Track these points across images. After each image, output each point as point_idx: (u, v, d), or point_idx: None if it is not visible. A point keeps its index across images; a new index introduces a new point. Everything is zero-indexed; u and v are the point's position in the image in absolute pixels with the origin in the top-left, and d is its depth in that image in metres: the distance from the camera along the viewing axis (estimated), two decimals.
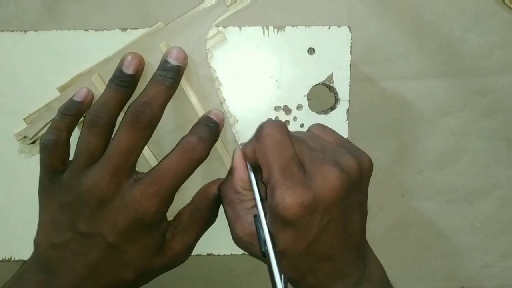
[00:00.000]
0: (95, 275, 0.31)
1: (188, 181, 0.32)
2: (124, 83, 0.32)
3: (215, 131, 0.33)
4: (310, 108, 0.37)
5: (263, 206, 0.29)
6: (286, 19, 0.37)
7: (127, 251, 0.31)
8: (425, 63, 0.40)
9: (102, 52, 0.35)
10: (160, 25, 0.35)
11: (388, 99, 0.40)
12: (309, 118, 0.37)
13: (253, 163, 0.30)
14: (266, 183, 0.28)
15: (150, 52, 0.35)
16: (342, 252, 0.29)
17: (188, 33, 0.35)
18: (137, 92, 0.33)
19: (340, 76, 0.36)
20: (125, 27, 0.36)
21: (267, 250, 0.28)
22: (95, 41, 0.36)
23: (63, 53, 0.36)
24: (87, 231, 0.30)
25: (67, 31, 0.36)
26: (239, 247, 0.32)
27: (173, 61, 0.32)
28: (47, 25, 0.37)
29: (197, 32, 0.35)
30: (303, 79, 0.37)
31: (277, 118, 0.37)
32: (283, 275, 0.27)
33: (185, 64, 0.33)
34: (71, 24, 0.37)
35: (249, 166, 0.31)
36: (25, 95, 0.36)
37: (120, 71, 0.32)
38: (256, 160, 0.29)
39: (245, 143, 0.31)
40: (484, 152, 0.41)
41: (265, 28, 0.36)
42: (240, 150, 0.31)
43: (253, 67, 0.37)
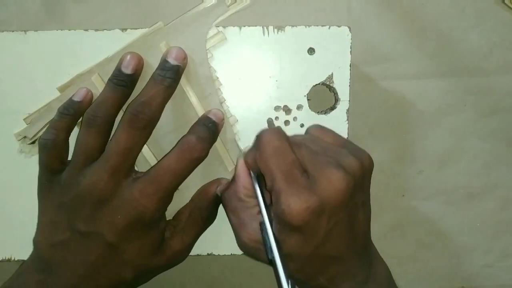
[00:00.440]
0: (94, 274, 0.31)
1: (187, 181, 0.32)
2: (122, 82, 0.32)
3: (213, 131, 0.33)
4: (310, 108, 0.37)
5: (269, 212, 0.29)
6: (286, 19, 0.37)
7: (126, 250, 0.31)
8: (425, 63, 0.40)
9: (102, 52, 0.35)
10: (160, 25, 0.35)
11: (388, 99, 0.40)
12: (309, 118, 0.37)
13: (256, 172, 0.30)
14: (270, 190, 0.28)
15: (150, 52, 0.35)
16: (349, 252, 0.29)
17: (188, 33, 0.35)
18: (136, 91, 0.32)
19: (340, 76, 0.36)
20: (125, 27, 0.36)
21: (273, 257, 0.28)
22: (95, 41, 0.36)
23: (63, 53, 0.36)
24: (85, 231, 0.30)
25: (67, 31, 0.36)
26: (245, 254, 0.32)
27: (173, 61, 0.32)
28: (47, 25, 0.37)
29: (197, 32, 0.35)
30: (303, 79, 0.37)
31: (277, 118, 0.37)
32: (290, 281, 0.27)
33: (185, 63, 0.33)
34: (71, 24, 0.37)
35: (252, 174, 0.31)
36: (25, 95, 0.36)
37: (118, 70, 0.32)
38: (258, 168, 0.29)
39: (246, 152, 0.31)
40: (484, 152, 0.41)
41: (265, 28, 0.36)
42: (242, 158, 0.31)
43: (253, 67, 0.36)
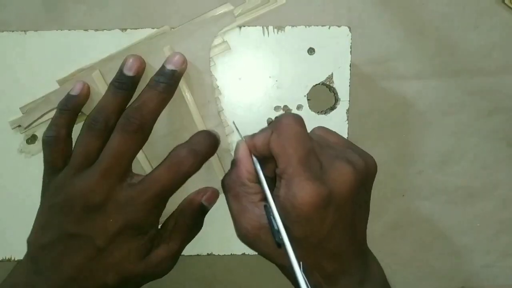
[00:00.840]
0: (81, 277, 0.30)
1: (187, 183, 0.32)
2: (123, 86, 0.32)
3: (215, 143, 0.33)
4: (310, 108, 0.37)
5: (273, 196, 0.29)
6: (286, 19, 0.37)
7: (113, 254, 0.31)
8: (425, 63, 0.40)
9: (102, 52, 0.35)
10: (166, 28, 0.35)
11: (388, 99, 0.40)
12: (309, 118, 0.37)
13: (261, 155, 0.30)
14: (281, 174, 0.28)
15: (153, 55, 0.35)
16: (348, 250, 0.29)
17: (193, 40, 0.35)
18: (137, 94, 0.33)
19: (340, 76, 0.36)
20: (125, 27, 0.36)
21: (281, 239, 0.27)
22: (95, 41, 0.36)
23: (63, 53, 0.36)
24: (75, 232, 0.30)
25: (67, 31, 0.36)
26: (243, 242, 0.31)
27: (169, 66, 0.32)
28: (47, 25, 0.37)
29: (202, 39, 0.35)
30: (303, 79, 0.37)
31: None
32: (301, 262, 0.26)
33: (183, 68, 0.33)
34: (71, 24, 0.37)
35: (254, 158, 0.31)
36: (25, 95, 0.36)
37: (120, 72, 0.33)
38: (266, 151, 0.29)
39: (252, 135, 0.31)
40: (484, 152, 0.41)
41: (265, 28, 0.36)
42: (244, 142, 0.31)
43: (253, 67, 0.37)
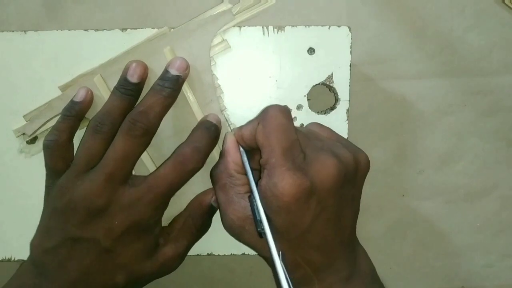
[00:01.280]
0: (88, 279, 0.31)
1: (185, 186, 0.32)
2: (129, 92, 0.32)
3: (215, 135, 0.33)
4: (310, 108, 0.37)
5: (258, 187, 0.29)
6: (286, 19, 0.37)
7: (121, 255, 0.31)
8: (425, 63, 0.40)
9: (102, 52, 0.35)
10: (165, 29, 0.35)
11: (388, 99, 0.40)
12: (309, 118, 0.37)
13: (248, 146, 0.31)
14: (264, 164, 0.28)
15: (153, 56, 0.34)
16: (333, 244, 0.29)
17: (192, 40, 0.35)
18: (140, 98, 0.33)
19: (340, 76, 0.36)
20: (125, 27, 0.36)
21: (263, 229, 0.28)
22: (95, 41, 0.36)
23: (63, 53, 0.36)
24: (79, 236, 0.30)
25: (67, 31, 0.36)
26: (229, 233, 0.32)
27: (173, 71, 0.32)
28: (47, 25, 0.37)
29: (202, 39, 0.35)
30: (303, 79, 0.37)
31: None
32: (281, 252, 0.27)
33: (186, 74, 0.33)
34: (71, 24, 0.37)
35: (241, 149, 0.31)
36: (25, 95, 0.36)
37: (124, 79, 0.33)
38: (253, 142, 0.30)
39: (240, 127, 0.31)
40: (484, 152, 0.41)
41: (265, 28, 0.36)
42: (232, 134, 0.32)
43: (253, 67, 0.36)
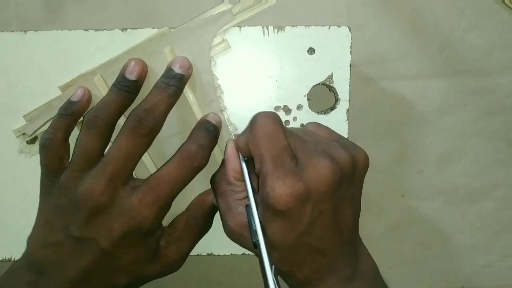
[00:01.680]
0: (87, 279, 0.30)
1: (186, 187, 0.32)
2: (125, 88, 0.32)
3: (214, 135, 0.33)
4: (310, 108, 0.37)
5: (256, 197, 0.29)
6: (286, 19, 0.37)
7: (121, 257, 0.30)
8: (425, 63, 0.40)
9: (102, 52, 0.35)
10: (165, 29, 0.35)
11: (388, 99, 0.40)
12: (309, 118, 0.37)
13: (246, 155, 0.31)
14: (258, 173, 0.28)
15: (154, 56, 0.34)
16: (333, 245, 0.29)
17: (193, 40, 0.35)
18: (139, 98, 0.32)
19: (340, 76, 0.36)
20: (125, 27, 0.36)
21: (258, 240, 0.28)
22: (95, 41, 0.36)
23: (63, 53, 0.36)
24: (80, 236, 0.30)
25: (67, 31, 0.36)
26: (230, 239, 0.32)
27: (177, 70, 0.32)
28: (47, 25, 0.37)
29: (202, 39, 0.35)
30: (303, 79, 0.37)
31: None
32: (273, 266, 0.27)
33: (189, 73, 0.33)
34: (71, 24, 0.37)
35: (241, 157, 0.31)
36: (25, 95, 0.36)
37: (122, 76, 0.32)
38: (248, 151, 0.29)
39: (239, 135, 0.31)
40: (484, 152, 0.41)
41: (265, 28, 0.36)
42: (232, 141, 0.32)
43: (253, 67, 0.36)
